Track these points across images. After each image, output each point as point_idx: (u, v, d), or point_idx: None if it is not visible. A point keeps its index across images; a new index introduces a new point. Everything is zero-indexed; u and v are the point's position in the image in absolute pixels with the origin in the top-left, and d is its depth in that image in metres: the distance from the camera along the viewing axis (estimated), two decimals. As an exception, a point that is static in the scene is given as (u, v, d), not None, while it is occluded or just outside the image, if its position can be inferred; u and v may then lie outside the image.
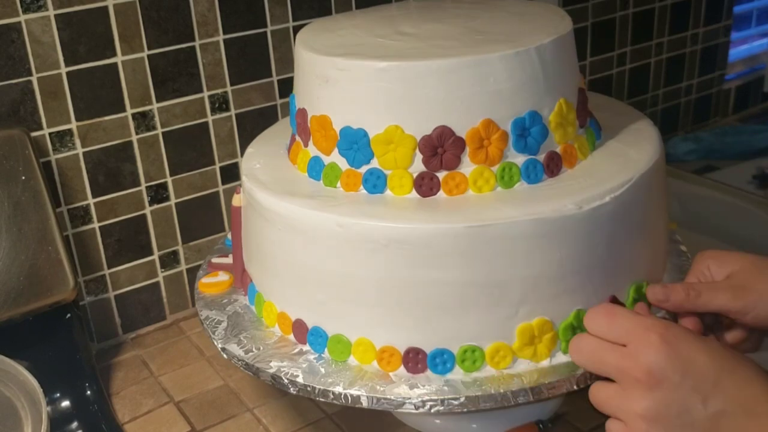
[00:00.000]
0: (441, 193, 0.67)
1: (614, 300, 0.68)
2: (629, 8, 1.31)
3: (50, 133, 0.89)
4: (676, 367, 0.51)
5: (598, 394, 0.56)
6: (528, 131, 0.67)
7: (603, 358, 0.56)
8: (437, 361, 0.66)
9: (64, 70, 0.88)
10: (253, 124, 1.00)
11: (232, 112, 1.00)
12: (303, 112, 0.73)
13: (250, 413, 0.86)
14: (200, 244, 1.02)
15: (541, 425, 0.78)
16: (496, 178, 0.67)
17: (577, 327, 0.66)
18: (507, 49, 0.66)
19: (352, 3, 1.04)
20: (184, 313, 1.04)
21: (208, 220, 1.02)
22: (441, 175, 0.67)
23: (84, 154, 0.91)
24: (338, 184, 0.70)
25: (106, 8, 0.88)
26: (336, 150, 0.70)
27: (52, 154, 0.89)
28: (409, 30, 0.74)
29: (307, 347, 0.71)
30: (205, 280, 0.83)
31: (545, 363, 0.66)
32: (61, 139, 0.90)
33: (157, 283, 1.01)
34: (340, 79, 0.68)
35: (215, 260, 0.87)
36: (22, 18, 0.84)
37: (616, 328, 0.55)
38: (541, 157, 0.68)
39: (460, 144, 0.66)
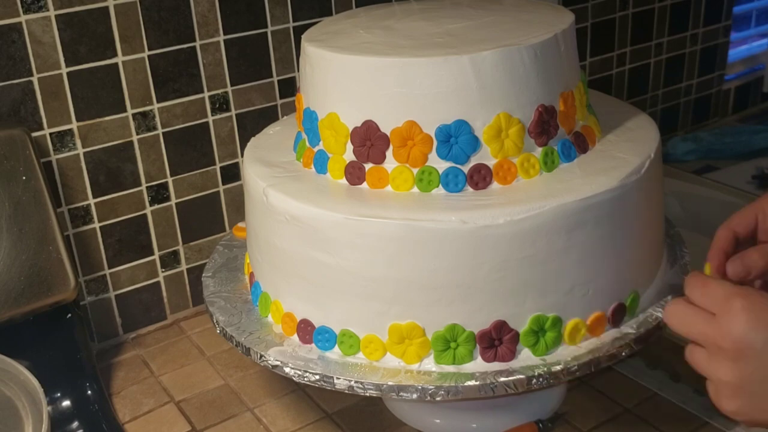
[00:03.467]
0: (365, 185, 0.70)
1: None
2: (629, 8, 1.31)
3: (51, 133, 0.89)
4: (759, 336, 0.52)
5: (691, 357, 0.57)
6: (455, 139, 0.67)
7: (691, 325, 0.56)
8: (320, 337, 0.71)
9: (64, 70, 0.88)
10: (254, 125, 1.00)
11: (233, 112, 1.00)
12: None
13: (251, 413, 0.86)
14: (201, 244, 1.03)
15: (540, 425, 0.78)
16: (414, 180, 0.68)
17: (450, 340, 0.67)
18: (442, 54, 0.66)
19: (352, 3, 1.04)
20: (185, 313, 1.04)
21: (209, 220, 1.02)
22: (368, 166, 0.70)
23: (84, 154, 0.92)
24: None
25: (106, 9, 0.88)
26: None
27: (52, 154, 0.90)
28: (391, 28, 0.76)
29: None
30: (240, 224, 0.91)
31: (414, 367, 0.68)
32: (62, 139, 0.90)
33: (157, 283, 1.01)
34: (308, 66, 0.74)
35: (241, 224, 0.91)
36: (22, 18, 0.84)
37: (706, 296, 0.56)
38: (466, 167, 0.68)
39: (384, 140, 0.68)
